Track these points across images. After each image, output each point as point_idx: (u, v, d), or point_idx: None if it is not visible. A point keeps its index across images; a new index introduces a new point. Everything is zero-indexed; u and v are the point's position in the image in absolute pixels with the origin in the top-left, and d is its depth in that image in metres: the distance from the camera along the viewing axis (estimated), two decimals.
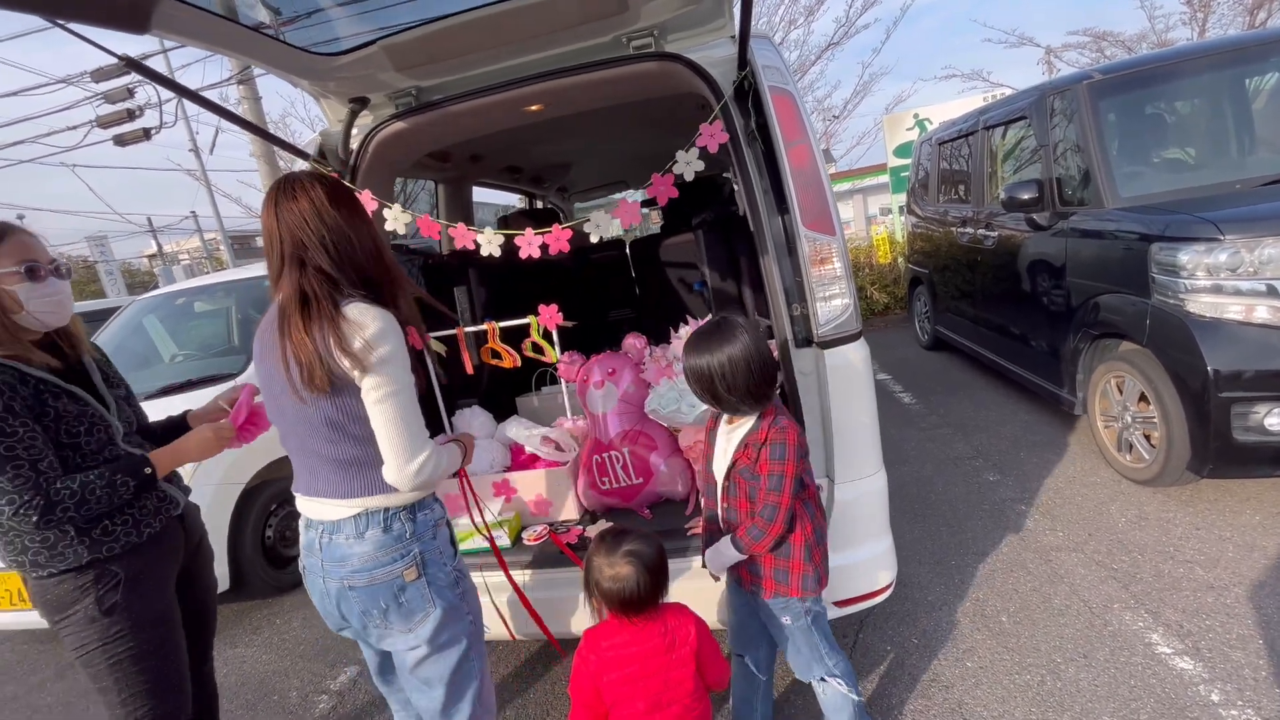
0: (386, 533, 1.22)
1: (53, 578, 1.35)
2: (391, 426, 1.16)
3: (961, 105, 7.74)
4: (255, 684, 2.53)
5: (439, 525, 1.31)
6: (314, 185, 1.22)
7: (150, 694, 1.41)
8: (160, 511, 1.48)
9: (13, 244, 1.33)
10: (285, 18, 1.69)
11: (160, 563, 1.47)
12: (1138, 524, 2.57)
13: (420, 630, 1.25)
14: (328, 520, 1.24)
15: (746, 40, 1.63)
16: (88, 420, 1.38)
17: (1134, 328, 2.71)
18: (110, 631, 1.37)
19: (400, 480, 1.18)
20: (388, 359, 1.15)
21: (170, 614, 1.49)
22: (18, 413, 1.26)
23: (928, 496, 3.06)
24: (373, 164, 2.09)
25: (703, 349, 1.41)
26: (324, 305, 1.14)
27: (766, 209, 1.76)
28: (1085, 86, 3.13)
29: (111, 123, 9.74)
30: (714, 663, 1.43)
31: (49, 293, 1.36)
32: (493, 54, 1.91)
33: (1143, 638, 1.96)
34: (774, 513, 1.40)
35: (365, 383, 1.14)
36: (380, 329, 1.14)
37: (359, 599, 1.23)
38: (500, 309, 2.86)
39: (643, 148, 3.73)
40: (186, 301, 4.17)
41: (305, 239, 1.18)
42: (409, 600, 1.24)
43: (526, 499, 2.13)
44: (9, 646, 3.21)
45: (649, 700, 1.36)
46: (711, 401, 1.45)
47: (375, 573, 1.22)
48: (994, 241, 4.02)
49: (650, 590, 1.35)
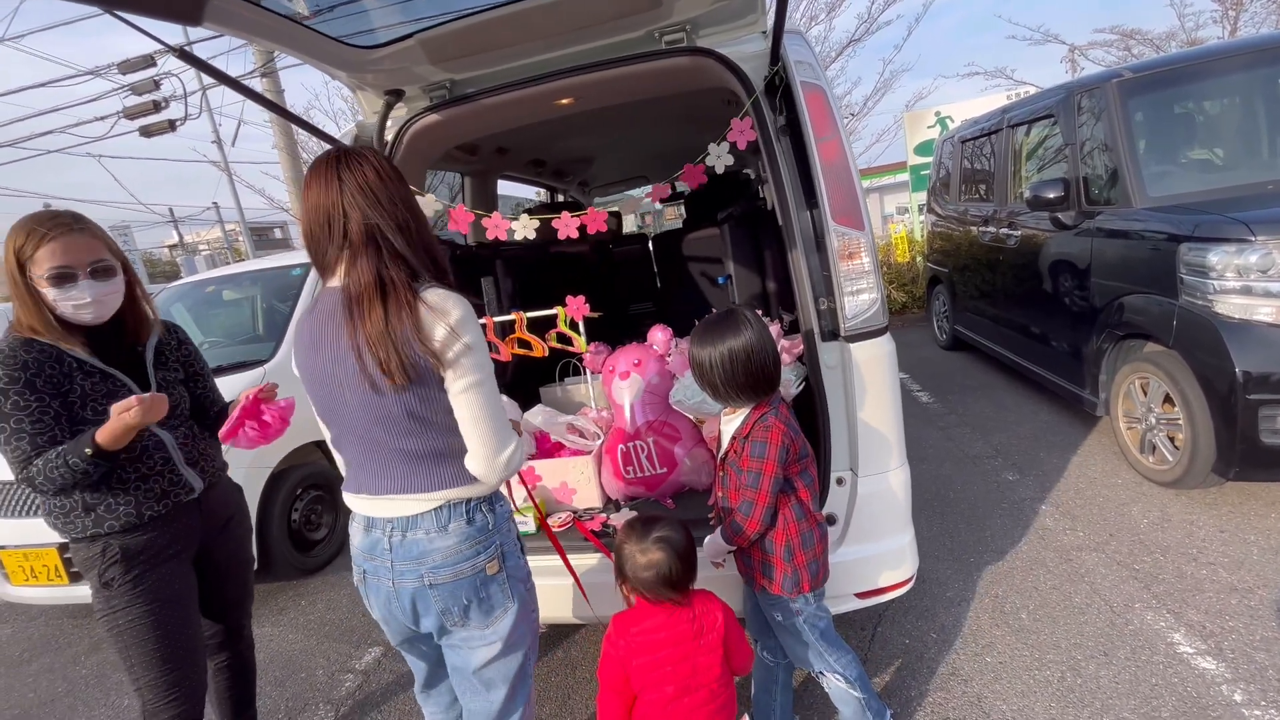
0: (470, 524, 1.16)
1: (75, 542, 1.46)
2: (481, 416, 1.11)
3: (984, 103, 7.66)
4: (283, 662, 2.60)
5: (511, 518, 1.28)
6: (375, 158, 1.12)
7: (151, 664, 1.48)
8: (168, 496, 1.51)
9: (50, 249, 1.37)
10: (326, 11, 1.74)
11: (162, 544, 1.51)
12: (1160, 525, 2.56)
13: (498, 626, 1.20)
14: (399, 516, 1.16)
15: (781, 35, 1.65)
16: (113, 400, 1.39)
17: (1160, 329, 2.69)
18: (111, 603, 1.46)
19: (490, 472, 1.13)
20: (473, 347, 1.09)
21: (174, 592, 1.52)
22: (37, 388, 1.36)
23: (946, 494, 3.06)
24: (406, 155, 2.13)
25: (706, 339, 1.45)
26: (404, 293, 1.07)
27: (796, 203, 1.78)
28: (1115, 84, 3.10)
29: (138, 114, 9.91)
30: (740, 648, 1.46)
31: (75, 297, 1.40)
32: (526, 48, 1.94)
33: (1164, 637, 1.96)
34: (750, 508, 1.43)
35: (450, 372, 1.09)
36: (462, 315, 1.09)
37: (440, 597, 1.16)
38: (525, 300, 2.91)
39: (664, 143, 3.75)
40: (215, 290, 4.26)
41: (379, 218, 1.09)
42: (491, 595, 1.19)
43: (550, 486, 2.17)
44: (44, 620, 3.32)
45: (678, 685, 1.38)
46: (710, 391, 1.48)
47: (460, 566, 1.16)
48: (1017, 240, 4.00)
49: (681, 575, 1.38)
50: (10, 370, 1.33)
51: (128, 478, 1.45)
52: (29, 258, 1.37)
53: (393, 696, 2.28)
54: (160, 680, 1.49)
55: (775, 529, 1.47)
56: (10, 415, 1.33)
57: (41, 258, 1.37)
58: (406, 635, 1.27)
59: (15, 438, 1.34)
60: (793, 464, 1.46)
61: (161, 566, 1.50)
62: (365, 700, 2.29)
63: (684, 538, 1.41)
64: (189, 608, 1.57)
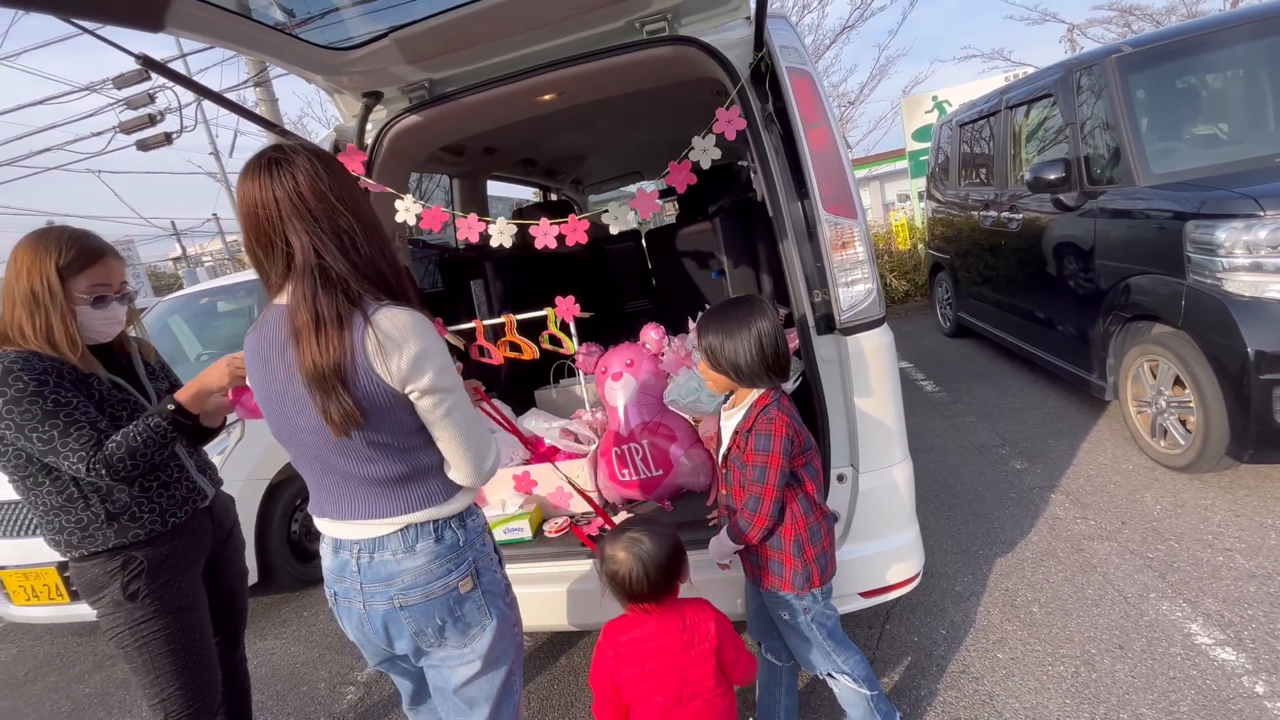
0: (439, 543, 1.11)
1: (85, 560, 1.43)
2: (461, 434, 1.08)
3: (982, 86, 7.55)
4: (285, 675, 2.58)
5: (485, 530, 1.23)
6: (306, 161, 1.00)
7: (176, 675, 1.48)
8: (187, 502, 1.53)
9: (99, 269, 1.42)
10: (299, 14, 1.69)
11: (184, 551, 1.52)
12: (1174, 511, 2.49)
13: (476, 645, 1.16)
14: (365, 539, 1.11)
15: (763, 20, 1.59)
16: (129, 407, 1.46)
17: (1168, 309, 2.62)
18: (135, 616, 1.44)
19: (475, 481, 1.12)
20: (439, 370, 1.03)
21: (194, 600, 1.54)
22: (68, 387, 1.34)
23: (953, 485, 3.00)
24: (387, 158, 2.09)
25: (731, 321, 1.42)
26: (344, 327, 0.98)
27: (786, 193, 1.72)
28: (1114, 60, 3.03)
29: (134, 128, 9.93)
30: (737, 660, 1.40)
31: (103, 317, 1.44)
32: (504, 43, 1.89)
33: (1181, 628, 1.90)
34: (757, 504, 1.39)
35: (424, 401, 1.04)
36: (421, 348, 1.01)
37: (412, 619, 1.11)
38: (517, 302, 2.86)
39: (658, 137, 3.69)
40: (210, 302, 4.24)
41: (316, 238, 0.99)
42: (466, 613, 1.14)
43: (545, 492, 2.13)
44: (49, 639, 3.31)
45: (669, 695, 1.33)
46: (732, 374, 1.43)
47: (431, 587, 1.10)
48: (1018, 224, 3.92)
49: (650, 581, 1.31)
50: (35, 375, 1.31)
51: (150, 485, 1.46)
52: (75, 274, 1.38)
53: (394, 709, 2.25)
54: (183, 690, 1.49)
55: (784, 524, 1.44)
56: (57, 411, 1.30)
57: (91, 275, 1.40)
58: (384, 656, 1.23)
59: (74, 427, 1.30)
60: (797, 456, 1.43)
61: (183, 575, 1.51)
62: (366, 713, 2.27)
63: (658, 542, 1.33)
64: (207, 616, 1.58)
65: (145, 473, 1.39)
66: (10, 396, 1.28)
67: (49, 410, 1.30)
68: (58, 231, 1.42)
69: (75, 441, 1.30)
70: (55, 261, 1.36)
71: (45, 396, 1.30)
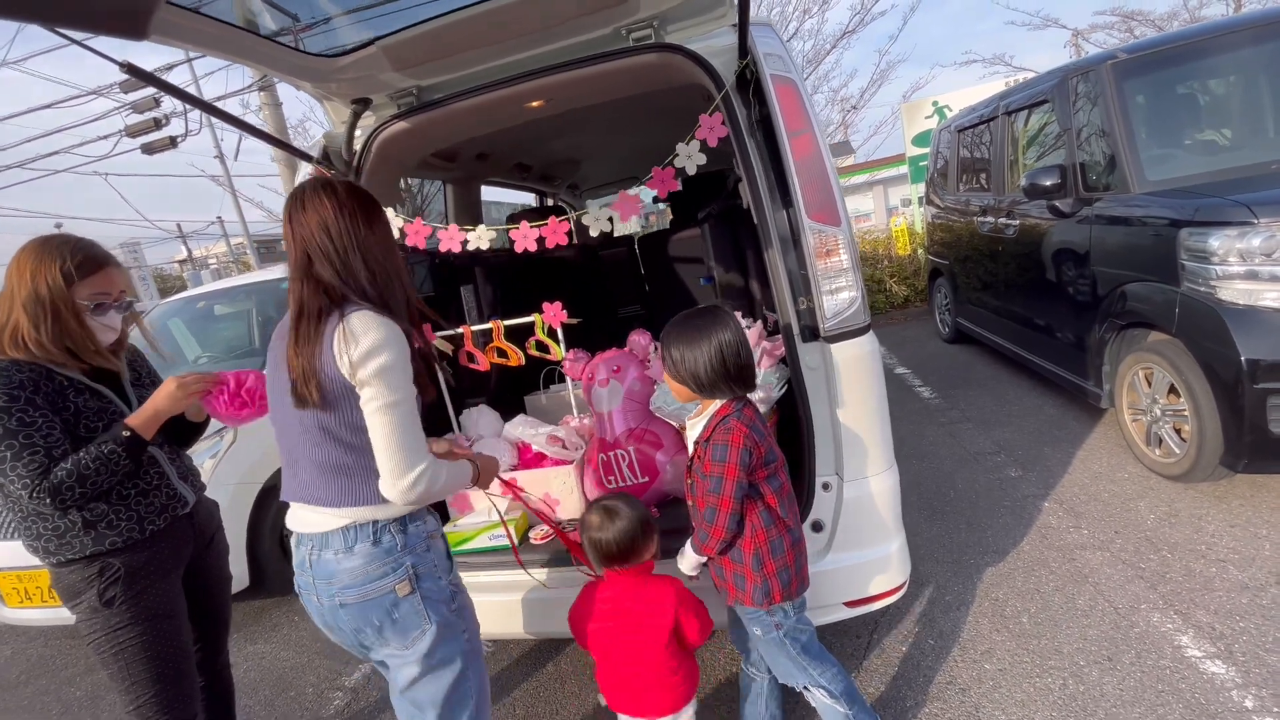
0: (376, 545, 1.18)
1: (63, 566, 1.43)
2: (388, 438, 1.13)
3: (982, 91, 7.53)
4: (273, 680, 2.57)
5: (432, 537, 1.27)
6: (323, 196, 1.20)
7: (151, 682, 1.48)
8: (166, 509, 1.53)
9: (101, 277, 1.45)
10: (286, 23, 1.70)
11: (163, 559, 1.52)
12: (1167, 521, 2.47)
13: (417, 648, 1.21)
14: (315, 534, 1.20)
15: (746, 27, 1.59)
16: (107, 416, 1.46)
17: (1163, 317, 2.60)
18: (111, 622, 1.44)
19: (395, 494, 1.14)
20: (386, 369, 1.12)
21: (172, 608, 1.54)
22: (39, 405, 1.35)
23: (947, 493, 2.99)
24: (376, 165, 2.10)
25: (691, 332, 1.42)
26: (323, 319, 1.14)
27: (770, 201, 1.72)
28: (1109, 66, 3.01)
29: (139, 132, 10.02)
30: (691, 621, 1.49)
31: (107, 324, 1.48)
32: (492, 50, 1.90)
33: (1172, 640, 1.88)
34: (713, 515, 1.38)
35: (364, 393, 1.13)
36: (379, 339, 1.12)
37: (351, 617, 1.19)
38: (508, 307, 2.86)
39: (653, 141, 3.68)
40: (208, 305, 4.26)
41: (312, 252, 1.18)
42: (403, 616, 1.19)
43: (533, 498, 2.12)
44: (41, 642, 3.32)
45: (624, 655, 1.50)
46: (692, 384, 1.43)
47: (367, 588, 1.17)
48: (1016, 230, 3.91)
49: (618, 547, 1.48)
50: (9, 389, 1.32)
51: (128, 493, 1.46)
52: (78, 281, 1.41)
53: (380, 714, 2.25)
54: (159, 697, 1.49)
55: (743, 537, 1.42)
56: (17, 431, 1.31)
57: (92, 283, 1.43)
58: (352, 645, 1.28)
59: (28, 451, 1.31)
60: (758, 469, 1.40)
61: (161, 582, 1.51)
62: (353, 718, 2.26)
63: (627, 518, 1.49)
64: (184, 623, 1.57)
65: (95, 498, 1.40)
66: None
67: (10, 429, 1.30)
68: (62, 238, 1.44)
69: (24, 467, 1.30)
70: (60, 267, 1.38)
71: (11, 414, 1.31)
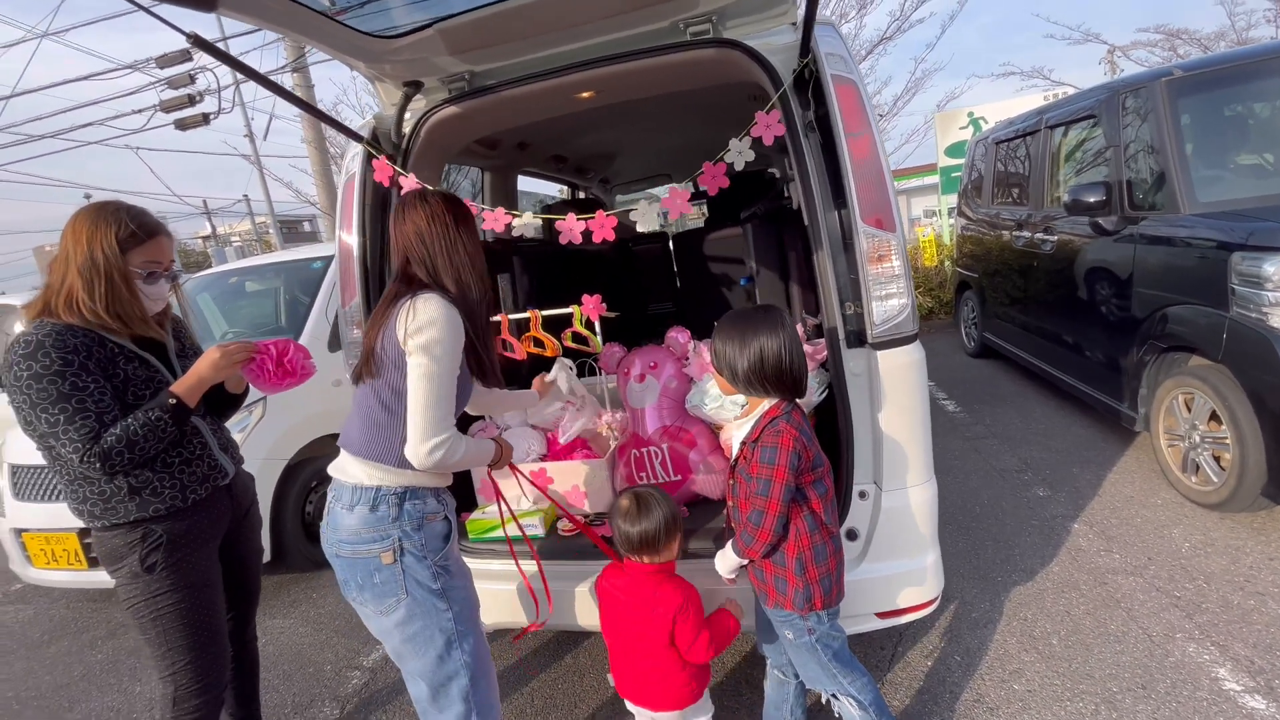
0: (372, 512, 1.30)
1: (107, 530, 1.45)
2: (421, 403, 1.24)
3: (1020, 104, 7.43)
4: (292, 655, 2.60)
5: (429, 519, 1.34)
6: (418, 206, 1.38)
7: (187, 649, 1.50)
8: (208, 480, 1.55)
9: (153, 245, 1.47)
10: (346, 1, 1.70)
11: (202, 527, 1.54)
12: (1203, 550, 2.42)
13: (393, 616, 1.32)
14: (337, 484, 1.36)
15: (812, 26, 1.57)
16: (153, 385, 1.48)
17: (1208, 342, 2.54)
18: (151, 588, 1.46)
19: (415, 456, 1.25)
20: (433, 342, 1.24)
21: (209, 576, 1.56)
22: (91, 370, 1.37)
23: (972, 509, 2.95)
24: (424, 148, 2.10)
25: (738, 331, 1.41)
26: (398, 301, 1.30)
27: (823, 202, 1.70)
28: (1164, 84, 2.95)
29: (173, 107, 10.15)
30: (686, 633, 1.47)
31: (151, 293, 1.50)
32: (548, 39, 1.89)
33: (1209, 671, 1.84)
34: (760, 518, 1.36)
35: (410, 361, 1.25)
36: (435, 317, 1.25)
37: (340, 567, 1.34)
38: (542, 297, 2.86)
39: (688, 140, 3.67)
40: (238, 281, 4.29)
41: (410, 256, 1.37)
42: (382, 582, 1.30)
43: (562, 489, 2.11)
44: (64, 604, 3.37)
45: (627, 645, 1.52)
46: (729, 378, 1.44)
47: (357, 547, 1.31)
48: (1052, 246, 3.84)
49: (634, 540, 1.49)
50: (63, 353, 1.33)
51: (172, 461, 1.48)
52: (132, 248, 1.42)
53: (398, 696, 2.26)
54: (194, 664, 1.51)
55: (787, 541, 1.41)
56: (70, 395, 1.33)
57: (145, 250, 1.45)
58: None
59: (80, 415, 1.33)
60: (805, 473, 1.39)
61: (200, 551, 1.54)
62: (370, 699, 2.27)
63: (652, 514, 1.49)
64: (220, 594, 1.60)
65: (140, 465, 1.42)
66: (35, 372, 1.31)
67: (64, 393, 1.32)
68: (116, 205, 1.46)
69: (76, 431, 1.32)
70: (116, 233, 1.39)
71: (65, 378, 1.33)
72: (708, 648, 1.49)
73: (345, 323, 2.10)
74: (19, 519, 2.96)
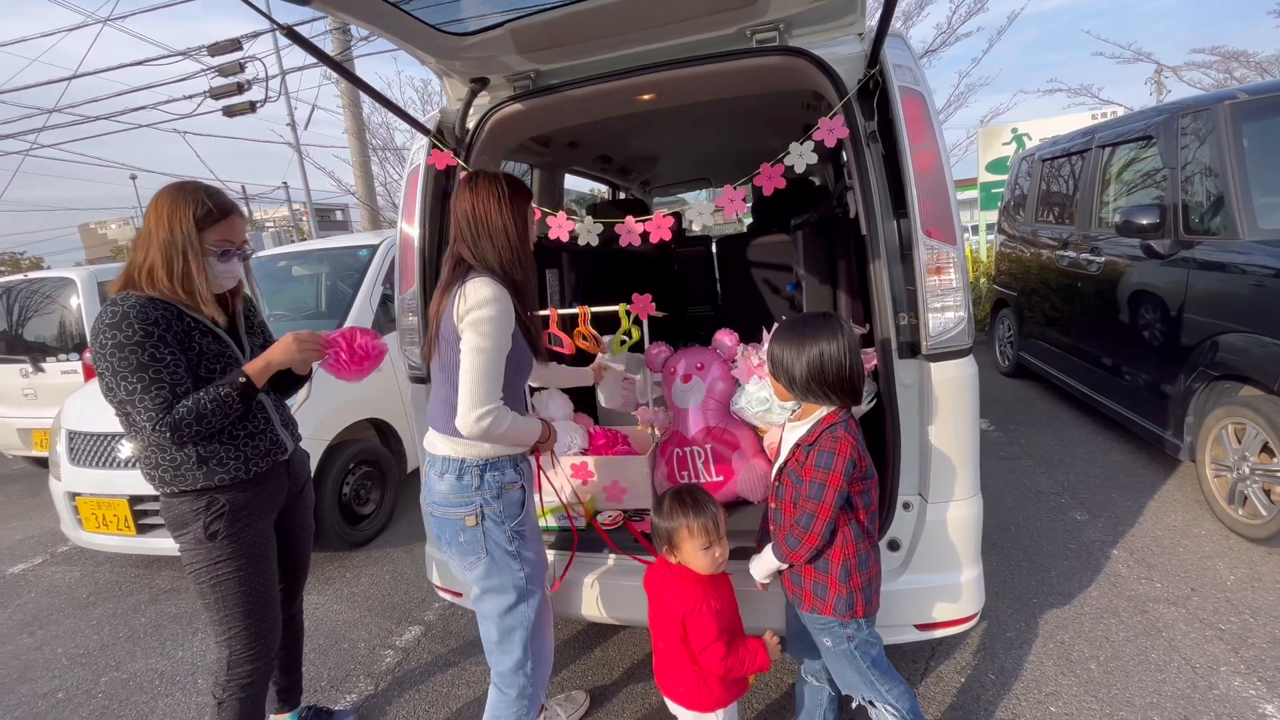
0: (459, 480, 1.46)
1: (175, 496, 1.52)
2: (470, 376, 1.36)
3: (1066, 122, 7.30)
4: (327, 630, 2.66)
5: (508, 488, 1.49)
6: (467, 188, 1.49)
7: (243, 616, 1.57)
8: (269, 454, 1.61)
9: (227, 225, 1.53)
10: None
11: (262, 500, 1.61)
12: (1249, 584, 2.36)
13: (474, 570, 1.49)
14: (430, 455, 1.53)
15: (884, 37, 1.58)
16: (224, 360, 1.54)
17: (1263, 371, 2.49)
18: (213, 555, 1.53)
19: (464, 424, 1.36)
20: (484, 320, 1.36)
21: (265, 548, 1.63)
22: (169, 342, 1.43)
23: (1007, 528, 2.91)
24: (486, 144, 2.15)
25: (797, 336, 1.42)
26: (453, 286, 1.43)
27: (883, 212, 1.71)
28: (1228, 106, 2.89)
29: (222, 94, 10.46)
30: (696, 637, 1.44)
31: (224, 271, 1.56)
32: (614, 41, 1.92)
33: (1255, 707, 1.80)
34: (810, 521, 1.36)
35: (463, 337, 1.37)
36: (484, 297, 1.37)
37: (435, 524, 1.52)
38: (587, 294, 2.90)
39: (734, 145, 3.69)
40: (287, 265, 4.42)
41: (458, 233, 1.49)
42: (466, 542, 1.47)
43: (602, 484, 2.15)
44: (110, 567, 3.50)
45: (658, 635, 1.55)
46: (786, 384, 1.45)
47: (447, 510, 1.48)
48: (1099, 267, 3.78)
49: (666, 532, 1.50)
50: (145, 325, 1.40)
51: (237, 434, 1.55)
52: (208, 227, 1.49)
53: (430, 676, 2.30)
54: (249, 630, 1.58)
55: (833, 548, 1.41)
56: (149, 366, 1.39)
57: (220, 229, 1.51)
58: None
59: (155, 386, 1.39)
60: (856, 481, 1.40)
61: (259, 522, 1.60)
62: (404, 677, 2.32)
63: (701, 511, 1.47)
64: (275, 566, 1.67)
65: (208, 437, 1.48)
66: (118, 341, 1.37)
67: (143, 363, 1.38)
68: (194, 185, 1.52)
69: (151, 400, 1.38)
70: (194, 212, 1.45)
71: (145, 349, 1.39)
72: (721, 661, 1.43)
73: (401, 310, 2.16)
74: (73, 483, 3.08)
